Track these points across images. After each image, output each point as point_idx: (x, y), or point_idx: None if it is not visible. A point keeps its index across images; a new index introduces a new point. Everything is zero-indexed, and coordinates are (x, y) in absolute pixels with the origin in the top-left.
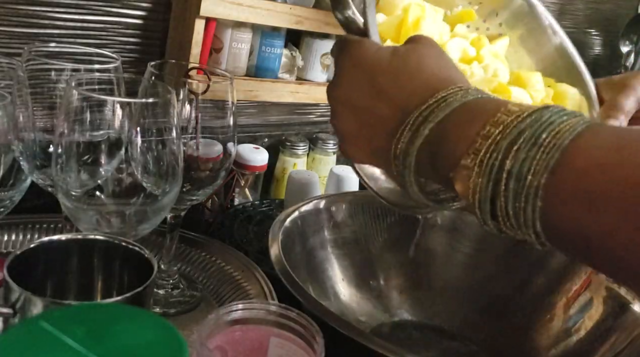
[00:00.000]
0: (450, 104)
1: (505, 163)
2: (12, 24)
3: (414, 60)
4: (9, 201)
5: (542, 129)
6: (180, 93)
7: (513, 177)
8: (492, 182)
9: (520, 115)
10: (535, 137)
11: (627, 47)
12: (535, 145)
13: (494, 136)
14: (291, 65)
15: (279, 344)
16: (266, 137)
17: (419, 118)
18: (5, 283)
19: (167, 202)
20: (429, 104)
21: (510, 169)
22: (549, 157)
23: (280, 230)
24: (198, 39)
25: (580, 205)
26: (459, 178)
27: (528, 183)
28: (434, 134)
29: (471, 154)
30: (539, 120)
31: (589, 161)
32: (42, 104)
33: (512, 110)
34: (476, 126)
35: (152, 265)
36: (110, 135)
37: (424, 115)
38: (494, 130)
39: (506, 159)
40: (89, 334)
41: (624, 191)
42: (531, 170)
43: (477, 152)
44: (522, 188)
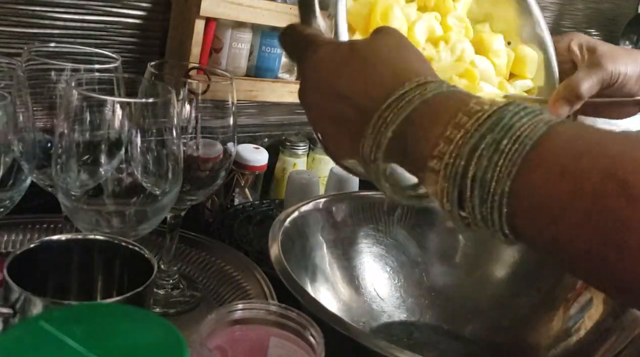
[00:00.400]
0: (410, 102)
1: (469, 169)
2: (12, 24)
3: (371, 55)
4: (9, 201)
5: (503, 134)
6: (180, 93)
7: (477, 184)
8: (458, 188)
9: (480, 117)
10: (496, 142)
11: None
12: (497, 152)
13: (456, 141)
14: (291, 65)
15: (279, 344)
16: (266, 137)
17: (380, 120)
18: (5, 283)
19: (167, 202)
20: (389, 104)
21: (474, 175)
22: (510, 164)
23: (280, 230)
24: (198, 39)
25: (541, 213)
26: (427, 180)
27: (492, 190)
28: (397, 135)
29: (435, 158)
30: (499, 123)
31: (550, 169)
32: (42, 104)
33: (473, 111)
34: (439, 128)
35: (152, 265)
36: (110, 135)
37: (384, 117)
38: (455, 134)
39: (469, 165)
40: (89, 334)
41: (583, 200)
42: (494, 178)
43: (442, 156)
44: (487, 194)
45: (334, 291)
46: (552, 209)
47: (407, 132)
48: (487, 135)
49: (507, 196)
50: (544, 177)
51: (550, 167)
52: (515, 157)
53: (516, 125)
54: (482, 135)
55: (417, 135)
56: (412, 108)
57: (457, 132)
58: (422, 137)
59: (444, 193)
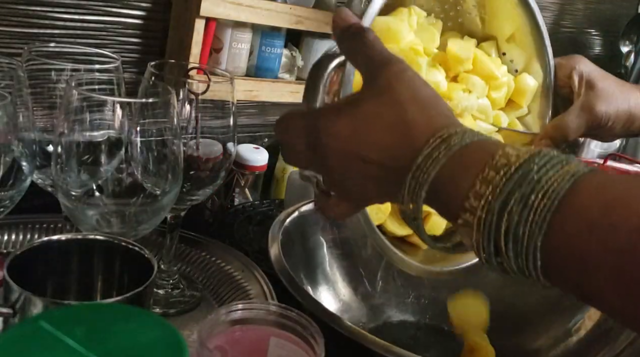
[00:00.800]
0: (437, 160)
1: (501, 224)
2: (12, 24)
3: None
4: (9, 200)
5: (531, 189)
6: (180, 93)
7: (511, 238)
8: (493, 241)
9: (507, 171)
10: (525, 198)
11: (627, 47)
12: (526, 208)
13: (486, 196)
14: (291, 65)
15: (279, 344)
16: (266, 137)
17: (412, 182)
18: (5, 283)
19: (167, 202)
20: (418, 165)
21: (506, 230)
22: (540, 219)
23: (280, 230)
24: (198, 39)
25: (573, 267)
26: (462, 231)
27: (526, 244)
28: (430, 192)
29: (467, 211)
30: (527, 178)
31: (579, 224)
32: (42, 104)
33: (499, 164)
34: (467, 182)
35: (152, 265)
36: (110, 135)
37: (416, 177)
38: (484, 189)
39: (501, 220)
40: (89, 334)
41: (612, 257)
42: (526, 233)
43: (473, 210)
44: (521, 248)
45: (334, 291)
46: (583, 263)
47: (438, 187)
48: (516, 191)
49: (540, 250)
50: (574, 232)
51: (580, 222)
52: (544, 213)
53: (543, 180)
54: (510, 191)
55: (448, 189)
56: (440, 165)
57: (486, 188)
58: (453, 192)
59: (479, 245)
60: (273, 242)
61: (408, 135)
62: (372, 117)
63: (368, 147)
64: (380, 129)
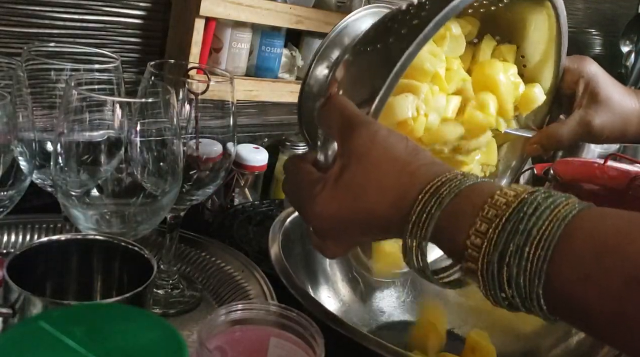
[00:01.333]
0: (432, 216)
1: (503, 275)
2: (12, 24)
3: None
4: (9, 201)
5: (525, 240)
6: (180, 93)
7: (513, 287)
8: (498, 286)
9: (499, 223)
10: (520, 250)
11: (627, 47)
12: (522, 259)
13: (483, 249)
14: (291, 65)
15: (279, 344)
16: (266, 137)
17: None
18: (5, 283)
19: (167, 202)
20: (413, 222)
21: (508, 280)
22: (538, 269)
23: (280, 230)
24: (198, 38)
25: (574, 313)
26: (469, 277)
27: (528, 292)
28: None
29: (469, 260)
30: (519, 230)
31: (576, 272)
32: (42, 104)
33: (490, 216)
34: (463, 234)
35: (152, 265)
36: (110, 135)
37: (414, 233)
38: (481, 242)
39: (502, 272)
40: (88, 334)
41: (611, 303)
42: (527, 283)
43: (475, 261)
44: (525, 294)
45: (334, 291)
46: (584, 308)
47: (437, 238)
48: (510, 243)
49: (543, 297)
50: (572, 279)
51: (575, 270)
52: (540, 263)
53: (534, 230)
54: (505, 243)
55: (446, 240)
56: (435, 219)
57: (482, 240)
58: (452, 242)
59: (487, 291)
60: (273, 242)
61: (395, 198)
62: (355, 187)
63: (357, 217)
64: (365, 198)
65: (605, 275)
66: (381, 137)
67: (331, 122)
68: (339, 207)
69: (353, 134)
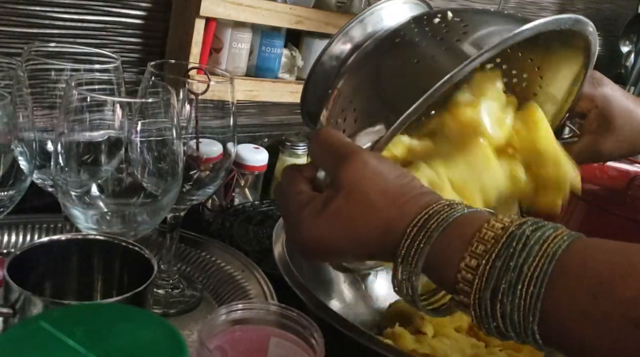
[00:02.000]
0: (422, 251)
1: (496, 310)
2: (12, 24)
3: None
4: (9, 200)
5: (517, 277)
6: (180, 93)
7: (508, 322)
8: (491, 320)
9: (489, 259)
10: (512, 287)
11: (627, 47)
12: (515, 297)
13: (475, 284)
14: (291, 65)
15: (279, 344)
16: (266, 137)
17: (402, 274)
18: (5, 283)
19: (167, 202)
20: (402, 256)
21: (502, 315)
22: (532, 306)
23: (283, 230)
24: (198, 39)
25: (571, 349)
26: (461, 309)
27: (523, 327)
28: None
29: (461, 295)
30: (510, 266)
31: (570, 311)
32: (42, 104)
33: (479, 251)
34: (454, 269)
35: (152, 265)
36: (110, 135)
37: (404, 266)
38: (472, 277)
39: (495, 307)
40: (89, 334)
41: (607, 343)
42: (521, 319)
43: (467, 295)
44: (520, 329)
45: (336, 292)
46: (580, 345)
47: (428, 271)
48: (502, 280)
49: (538, 332)
50: (566, 317)
51: (570, 309)
52: (534, 301)
53: (525, 267)
54: (497, 281)
55: (437, 274)
56: (425, 254)
57: (473, 276)
58: (443, 275)
59: (479, 322)
60: (277, 242)
61: (383, 232)
62: (344, 217)
63: (343, 246)
64: (354, 229)
65: (602, 316)
66: (371, 167)
67: (321, 153)
68: (324, 236)
69: (343, 164)
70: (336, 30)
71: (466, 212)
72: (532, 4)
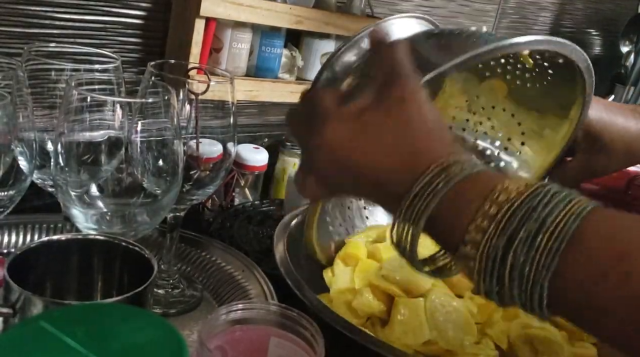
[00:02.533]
0: (436, 192)
1: (506, 262)
2: (12, 24)
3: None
4: (9, 201)
5: (537, 229)
6: (180, 93)
7: (516, 276)
8: (496, 275)
9: (510, 208)
10: (531, 237)
11: (627, 47)
12: (532, 248)
13: (488, 232)
14: (291, 65)
15: (279, 344)
16: (266, 137)
17: (408, 212)
18: (5, 283)
19: (167, 202)
20: (417, 193)
21: (511, 267)
22: (548, 261)
23: (285, 232)
24: (198, 39)
25: (582, 309)
26: (461, 263)
27: (532, 283)
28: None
29: (469, 244)
30: (532, 217)
31: (590, 271)
32: (42, 104)
33: (501, 200)
34: (468, 215)
35: (152, 265)
36: (110, 135)
37: (414, 206)
38: (487, 225)
39: (506, 258)
40: (89, 334)
41: (626, 303)
42: (532, 273)
43: (475, 245)
44: (526, 286)
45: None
46: (593, 307)
47: (436, 217)
48: (521, 230)
49: (547, 290)
50: (584, 277)
51: (590, 268)
52: (552, 255)
53: (548, 220)
54: (515, 229)
55: (446, 220)
56: (440, 196)
57: (489, 223)
58: (452, 223)
59: (480, 278)
60: (278, 244)
61: (408, 159)
62: (374, 132)
63: (359, 162)
64: (380, 145)
65: (625, 278)
66: (420, 96)
67: (382, 61)
68: (347, 142)
69: (397, 81)
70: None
71: (493, 172)
72: (532, 4)
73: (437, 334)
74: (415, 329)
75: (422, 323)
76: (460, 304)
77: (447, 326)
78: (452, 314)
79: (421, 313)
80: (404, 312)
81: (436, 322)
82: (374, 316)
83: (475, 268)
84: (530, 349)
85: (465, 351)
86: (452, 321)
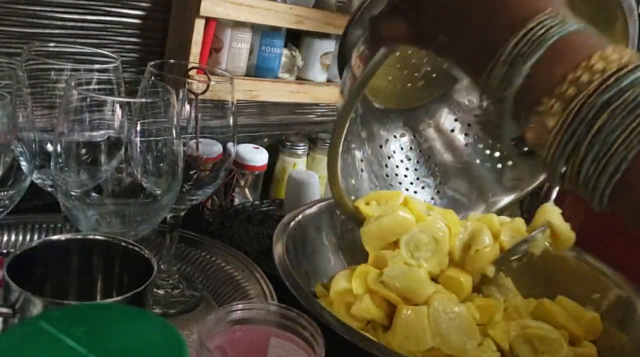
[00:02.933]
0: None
1: (596, 122)
2: (12, 23)
3: None
4: (9, 201)
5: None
6: (180, 93)
7: (600, 140)
8: (574, 141)
9: (623, 68)
10: (633, 103)
11: None
12: (632, 113)
13: (587, 87)
14: (291, 65)
15: (279, 344)
16: (266, 137)
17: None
18: (5, 283)
19: (167, 202)
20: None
21: (599, 129)
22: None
23: (284, 233)
24: (198, 38)
25: None
26: (537, 121)
27: (613, 151)
28: None
29: (554, 99)
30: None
31: None
32: (41, 104)
33: (612, 58)
34: (565, 66)
35: (152, 265)
36: (110, 135)
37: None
38: (588, 78)
39: (598, 117)
40: (89, 334)
41: None
42: (620, 140)
43: (566, 99)
44: (606, 154)
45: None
46: None
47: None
48: (629, 91)
49: (628, 163)
50: None
51: None
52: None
53: None
54: (621, 89)
55: (537, 68)
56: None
57: (591, 76)
58: (543, 72)
59: (556, 139)
60: (277, 244)
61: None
62: None
63: None
64: None
65: None
66: None
67: None
68: None
69: None
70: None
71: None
72: None
73: (440, 340)
74: (417, 336)
75: (424, 330)
76: (463, 308)
77: (450, 332)
78: (455, 320)
79: (424, 320)
80: (406, 318)
81: (439, 329)
82: (374, 320)
83: (556, 126)
84: (530, 349)
85: (467, 355)
86: (455, 326)
